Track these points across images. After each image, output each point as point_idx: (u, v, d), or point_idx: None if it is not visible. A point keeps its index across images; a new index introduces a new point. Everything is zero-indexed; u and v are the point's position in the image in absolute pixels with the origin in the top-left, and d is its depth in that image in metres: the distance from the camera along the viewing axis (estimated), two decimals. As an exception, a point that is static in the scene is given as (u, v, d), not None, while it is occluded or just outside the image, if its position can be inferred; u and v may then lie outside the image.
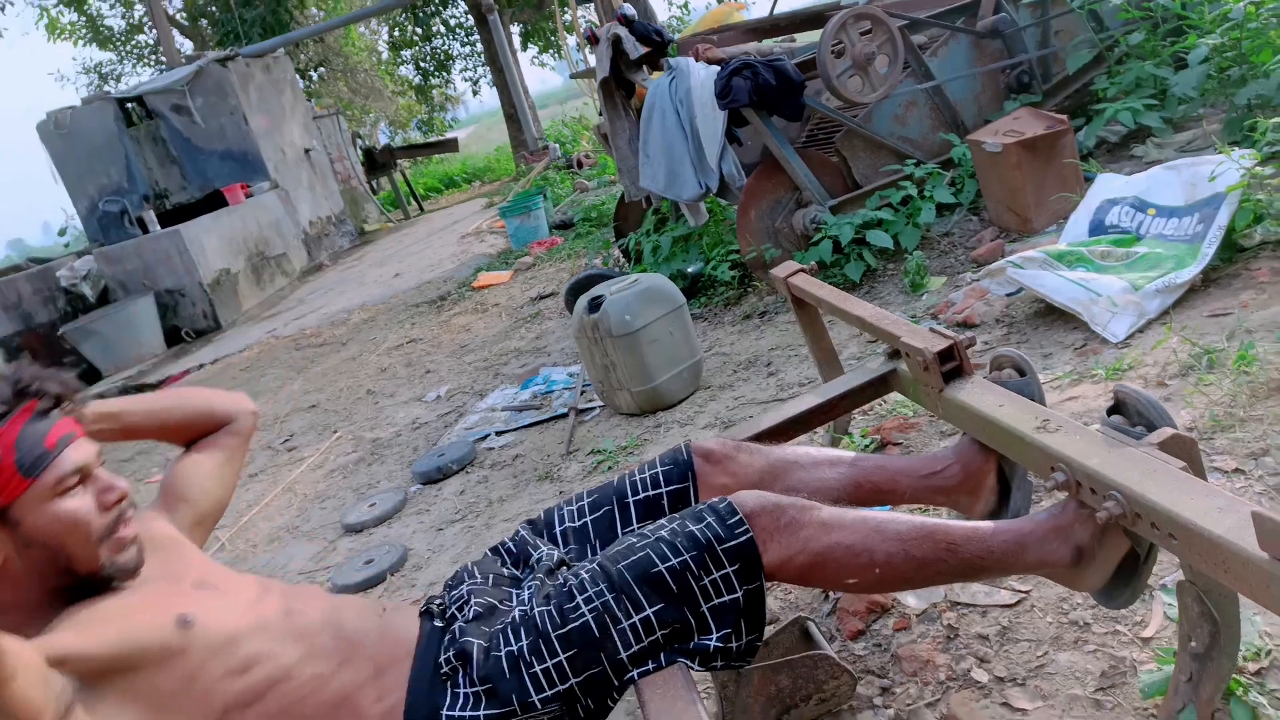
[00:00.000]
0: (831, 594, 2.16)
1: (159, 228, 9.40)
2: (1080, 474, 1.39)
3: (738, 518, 1.40)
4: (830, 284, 4.29)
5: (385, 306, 7.37)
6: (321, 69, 19.62)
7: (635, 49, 4.91)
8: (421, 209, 15.56)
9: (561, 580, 1.44)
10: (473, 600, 1.49)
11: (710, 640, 1.38)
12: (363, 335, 6.76)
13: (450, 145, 17.13)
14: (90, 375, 8.57)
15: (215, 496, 1.62)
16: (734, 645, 1.39)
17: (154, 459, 5.45)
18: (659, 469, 1.66)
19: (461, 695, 1.36)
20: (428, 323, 6.50)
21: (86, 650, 1.20)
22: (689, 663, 1.38)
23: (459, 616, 1.47)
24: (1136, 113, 4.35)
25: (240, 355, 7.42)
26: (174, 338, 8.91)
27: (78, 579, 1.30)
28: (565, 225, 8.40)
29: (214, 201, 10.39)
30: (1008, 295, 3.42)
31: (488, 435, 4.09)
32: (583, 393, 4.14)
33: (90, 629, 1.24)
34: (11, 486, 1.24)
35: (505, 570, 1.60)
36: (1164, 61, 4.56)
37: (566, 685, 1.35)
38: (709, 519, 1.41)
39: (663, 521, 1.48)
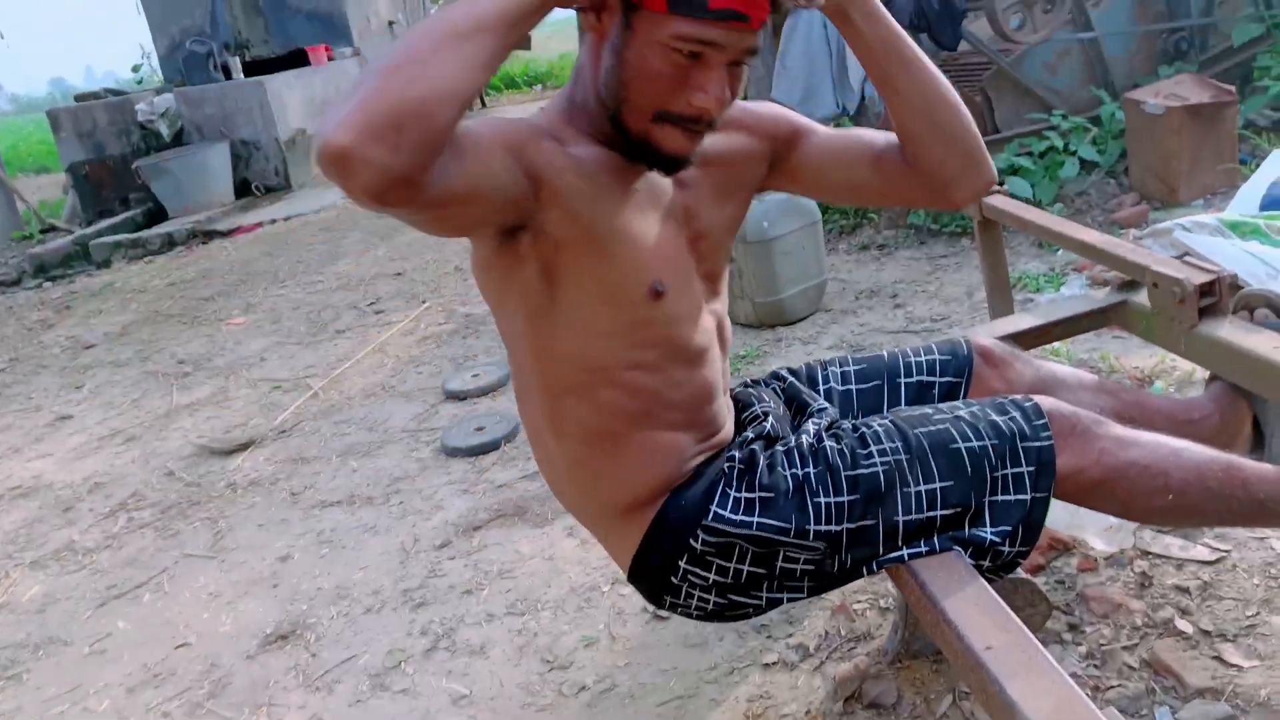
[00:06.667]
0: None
1: (243, 76, 9.23)
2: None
3: (1043, 420, 1.32)
4: (953, 229, 4.17)
5: (468, 189, 7.25)
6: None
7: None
8: (484, 104, 15.27)
9: (852, 426, 1.37)
10: (769, 420, 1.42)
11: (986, 533, 1.30)
12: (446, 213, 6.65)
13: (523, 42, 16.70)
14: (157, 215, 8.51)
15: (816, 190, 1.49)
16: (1005, 549, 1.31)
17: (234, 302, 5.41)
18: (936, 356, 1.57)
19: (733, 498, 1.30)
20: (514, 210, 6.38)
21: (573, 215, 1.16)
22: (962, 552, 1.31)
23: (750, 429, 1.41)
24: (1303, 95, 4.16)
25: (317, 215, 7.33)
26: (243, 190, 8.80)
27: (620, 129, 1.20)
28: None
29: (293, 60, 10.18)
30: (1170, 258, 3.27)
31: (586, 327, 4.00)
32: (689, 298, 4.04)
33: (594, 203, 1.18)
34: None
35: (785, 408, 1.53)
36: (1337, 48, 4.34)
37: (840, 527, 1.29)
38: (1013, 412, 1.33)
39: (957, 403, 1.39)
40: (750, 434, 1.40)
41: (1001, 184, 4.08)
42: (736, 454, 1.35)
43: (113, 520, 3.15)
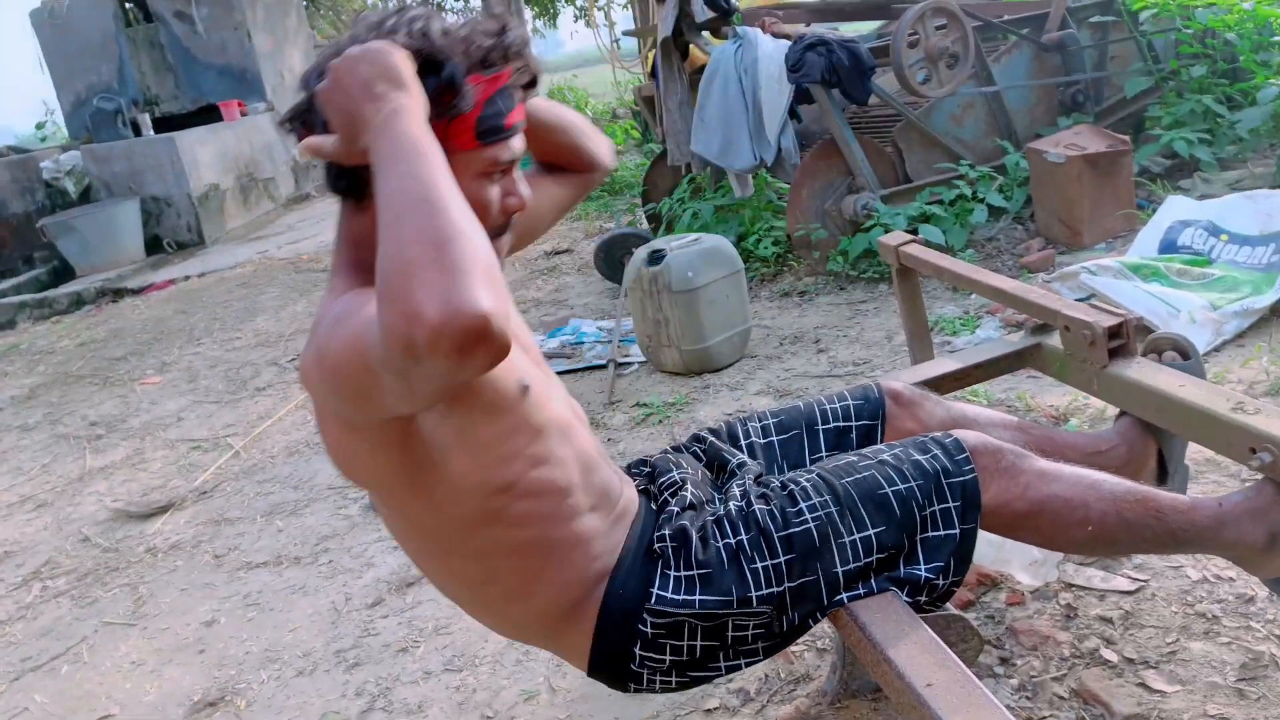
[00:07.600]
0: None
1: (152, 133, 9.06)
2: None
3: (965, 455, 1.37)
4: (871, 275, 4.30)
5: (389, 242, 7.19)
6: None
7: (702, 12, 4.84)
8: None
9: (780, 484, 1.39)
10: (688, 488, 1.43)
11: (920, 571, 1.34)
12: (368, 267, 6.59)
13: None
14: (64, 273, 8.26)
15: (538, 230, 1.51)
16: (940, 582, 1.35)
17: (148, 361, 5.26)
18: (850, 402, 1.62)
19: (673, 578, 1.30)
20: (436, 263, 6.35)
21: None
22: (899, 591, 1.34)
23: (671, 501, 1.41)
24: (1190, 144, 4.41)
25: (233, 271, 7.19)
26: (154, 247, 8.61)
27: None
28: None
29: (205, 115, 10.04)
30: (1077, 300, 3.42)
31: (515, 378, 4.00)
32: (618, 346, 4.07)
33: None
34: (462, 140, 1.13)
35: (705, 470, 1.54)
36: (1218, 99, 4.63)
37: (781, 588, 1.31)
38: (935, 450, 1.38)
39: (880, 447, 1.43)
40: (674, 507, 1.40)
41: (915, 232, 4.24)
42: (666, 532, 1.35)
43: (25, 590, 3.02)
